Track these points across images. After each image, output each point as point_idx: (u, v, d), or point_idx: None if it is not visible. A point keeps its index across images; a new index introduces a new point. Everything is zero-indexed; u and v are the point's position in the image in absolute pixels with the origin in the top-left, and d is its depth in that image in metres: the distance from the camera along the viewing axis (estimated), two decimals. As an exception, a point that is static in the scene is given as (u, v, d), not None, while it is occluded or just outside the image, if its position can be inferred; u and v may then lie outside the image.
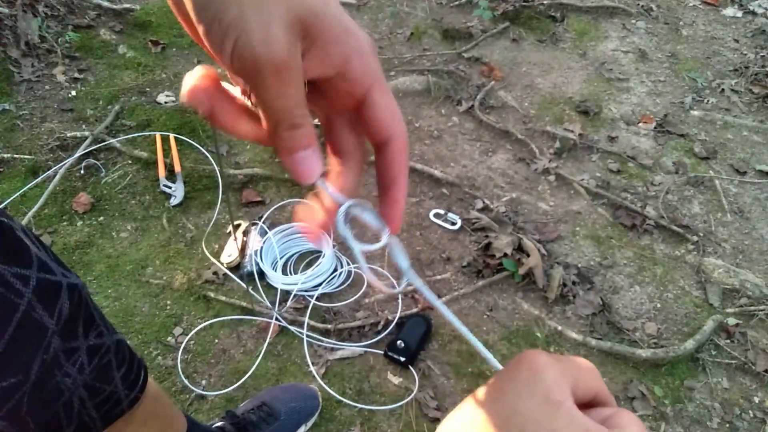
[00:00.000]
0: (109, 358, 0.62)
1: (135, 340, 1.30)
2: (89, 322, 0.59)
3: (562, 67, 2.12)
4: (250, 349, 1.29)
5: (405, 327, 1.31)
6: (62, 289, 0.54)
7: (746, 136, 1.88)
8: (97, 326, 0.60)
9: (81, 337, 0.57)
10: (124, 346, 0.67)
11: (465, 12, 2.31)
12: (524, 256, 1.44)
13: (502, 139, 1.82)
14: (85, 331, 0.58)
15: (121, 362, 0.65)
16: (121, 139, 1.70)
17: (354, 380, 1.25)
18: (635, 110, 1.95)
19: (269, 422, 1.09)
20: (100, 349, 0.60)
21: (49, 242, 1.46)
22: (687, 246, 1.55)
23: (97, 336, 0.60)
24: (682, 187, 1.71)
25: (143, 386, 0.70)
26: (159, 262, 1.45)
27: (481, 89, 1.96)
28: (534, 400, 0.26)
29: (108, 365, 0.62)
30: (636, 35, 2.28)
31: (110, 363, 0.62)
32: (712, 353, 1.33)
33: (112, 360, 0.63)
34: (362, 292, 1.39)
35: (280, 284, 1.37)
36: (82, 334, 0.57)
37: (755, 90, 2.03)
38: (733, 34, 2.31)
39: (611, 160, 1.77)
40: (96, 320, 0.60)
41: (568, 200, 1.65)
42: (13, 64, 1.85)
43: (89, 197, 1.55)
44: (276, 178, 1.64)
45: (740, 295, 1.43)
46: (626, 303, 1.42)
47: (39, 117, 1.76)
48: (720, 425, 1.21)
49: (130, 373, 0.67)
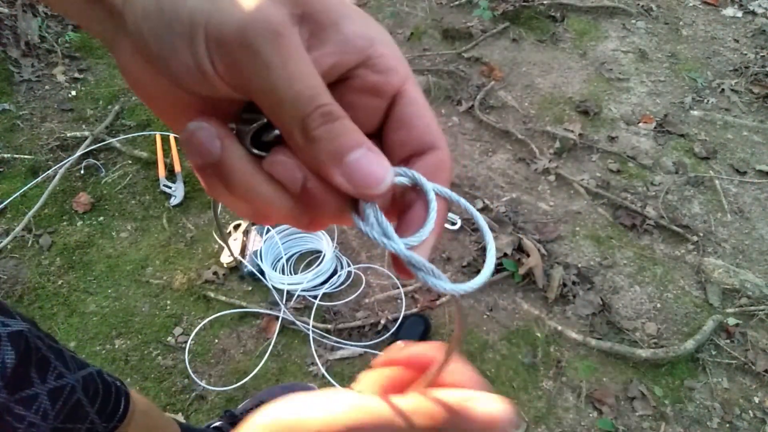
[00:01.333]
0: (77, 397, 0.60)
1: (135, 340, 1.30)
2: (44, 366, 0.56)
3: (562, 67, 2.11)
4: (250, 349, 1.29)
5: (404, 327, 1.31)
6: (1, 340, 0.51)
7: (746, 136, 1.88)
8: (54, 368, 0.58)
9: (37, 383, 0.55)
10: (93, 379, 0.64)
11: (465, 12, 2.31)
12: (524, 256, 1.44)
13: (502, 139, 1.82)
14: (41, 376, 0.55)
15: (93, 397, 0.63)
16: (121, 139, 1.70)
17: (354, 380, 1.25)
18: (635, 110, 1.95)
19: None
20: (62, 390, 0.58)
21: (49, 242, 1.46)
22: (687, 246, 1.55)
23: (57, 378, 0.57)
24: (682, 187, 1.71)
25: (124, 414, 0.68)
26: (159, 262, 1.45)
27: (481, 89, 1.96)
28: None
29: (78, 404, 0.60)
30: (636, 35, 2.28)
31: (79, 402, 0.60)
32: (712, 353, 1.33)
33: (81, 398, 0.60)
34: (362, 292, 1.39)
35: (280, 284, 1.37)
36: (38, 379, 0.55)
37: (755, 90, 2.03)
38: (733, 34, 2.31)
39: (611, 160, 1.77)
40: (52, 362, 0.58)
41: (568, 200, 1.65)
42: (13, 64, 1.85)
43: (89, 197, 1.55)
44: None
45: (740, 295, 1.43)
46: (626, 303, 1.42)
47: (39, 117, 1.76)
48: (720, 425, 1.21)
49: (106, 404, 0.65)
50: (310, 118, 0.18)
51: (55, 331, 1.31)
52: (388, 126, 0.22)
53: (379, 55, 0.20)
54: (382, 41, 0.21)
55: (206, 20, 0.18)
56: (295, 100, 0.18)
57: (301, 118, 0.18)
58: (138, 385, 1.23)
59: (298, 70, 0.18)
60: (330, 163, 0.19)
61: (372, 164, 0.19)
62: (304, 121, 0.18)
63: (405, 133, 0.22)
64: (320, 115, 0.18)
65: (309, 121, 0.18)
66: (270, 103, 0.19)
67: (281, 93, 0.18)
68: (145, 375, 1.25)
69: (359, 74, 0.20)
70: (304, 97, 0.18)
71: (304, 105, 0.18)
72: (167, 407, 1.20)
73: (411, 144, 0.22)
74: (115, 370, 1.26)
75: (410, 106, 0.22)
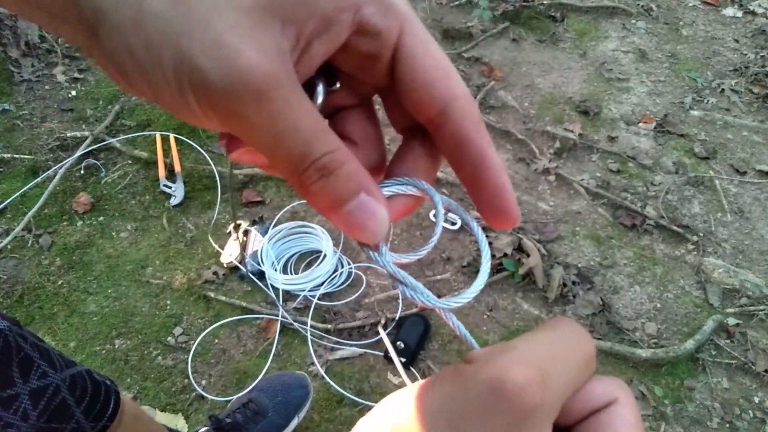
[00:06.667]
0: (62, 396, 0.59)
1: (135, 340, 1.30)
2: (27, 365, 0.55)
3: (562, 67, 2.11)
4: (250, 349, 1.29)
5: (403, 327, 1.31)
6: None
7: (746, 136, 1.88)
8: (38, 367, 0.57)
9: (19, 382, 0.54)
10: (82, 378, 0.63)
11: (465, 12, 2.31)
12: (524, 256, 1.44)
13: (502, 139, 1.82)
14: (23, 376, 0.54)
15: (81, 397, 0.62)
16: (121, 139, 1.70)
17: (354, 380, 1.25)
18: (635, 110, 1.95)
19: (256, 420, 1.05)
20: (45, 390, 0.57)
21: (49, 242, 1.46)
22: (687, 246, 1.55)
23: (40, 377, 0.56)
24: (682, 187, 1.71)
25: (114, 414, 0.67)
26: (159, 262, 1.45)
27: (481, 89, 1.96)
28: None
29: (63, 404, 0.59)
30: (636, 35, 2.28)
31: (65, 401, 0.59)
32: (712, 353, 1.33)
33: (67, 397, 0.59)
34: (362, 292, 1.39)
35: (280, 284, 1.37)
36: (19, 379, 0.54)
37: (755, 90, 2.03)
38: (733, 34, 2.31)
39: (611, 160, 1.77)
40: (35, 361, 0.57)
41: (568, 200, 1.65)
42: (13, 64, 1.85)
43: (89, 197, 1.55)
44: (276, 178, 1.64)
45: (740, 295, 1.43)
46: (626, 303, 1.42)
47: (39, 117, 1.76)
48: (720, 425, 1.21)
49: (94, 404, 0.64)
50: (305, 175, 0.18)
51: (55, 331, 1.31)
52: (397, 89, 0.21)
53: (368, 18, 0.19)
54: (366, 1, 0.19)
55: (189, 77, 0.16)
56: (287, 158, 0.18)
57: (297, 175, 0.18)
58: (138, 385, 1.23)
59: (288, 125, 0.17)
60: (327, 213, 0.19)
61: (366, 217, 0.19)
62: (300, 177, 0.18)
63: (409, 96, 0.20)
64: (315, 170, 0.18)
65: (304, 178, 0.18)
66: (267, 157, 0.18)
67: (274, 152, 0.18)
68: (145, 375, 1.25)
69: (351, 43, 0.19)
70: (297, 155, 0.18)
71: (298, 162, 0.18)
72: (167, 407, 1.20)
73: (420, 106, 0.21)
74: (115, 370, 1.26)
75: (407, 61, 0.20)
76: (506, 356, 0.17)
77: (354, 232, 0.19)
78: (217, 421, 1.04)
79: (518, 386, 0.16)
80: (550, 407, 0.17)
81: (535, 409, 0.16)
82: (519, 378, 0.16)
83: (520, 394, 0.16)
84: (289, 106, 0.17)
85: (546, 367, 0.17)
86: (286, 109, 0.17)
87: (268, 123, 0.17)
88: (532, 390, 0.16)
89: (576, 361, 0.19)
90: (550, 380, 0.17)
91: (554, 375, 0.17)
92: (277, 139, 0.17)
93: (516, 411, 0.16)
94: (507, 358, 0.17)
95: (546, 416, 0.17)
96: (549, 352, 0.18)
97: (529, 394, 0.16)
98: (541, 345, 0.18)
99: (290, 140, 0.17)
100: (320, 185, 0.18)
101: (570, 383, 0.18)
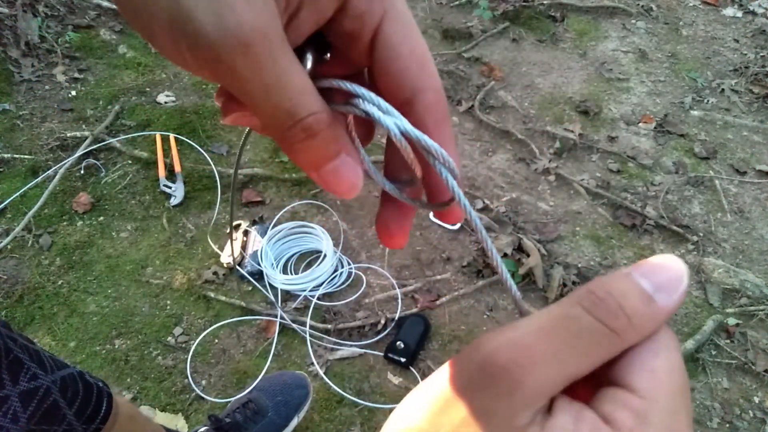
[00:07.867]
0: (53, 398, 0.58)
1: (135, 340, 1.30)
2: (16, 367, 0.55)
3: (562, 67, 2.11)
4: (250, 349, 1.29)
5: (403, 327, 1.31)
6: None
7: (746, 136, 1.88)
8: (28, 369, 0.56)
9: (8, 384, 0.54)
10: (73, 380, 0.63)
11: (465, 12, 2.31)
12: (524, 256, 1.44)
13: (502, 139, 1.82)
14: (12, 378, 0.54)
15: (72, 398, 0.61)
16: (121, 139, 1.70)
17: (354, 380, 1.25)
18: (635, 110, 1.95)
19: (256, 420, 1.05)
20: (36, 392, 0.56)
21: (49, 242, 1.46)
22: (687, 246, 1.55)
23: (30, 379, 0.56)
24: (682, 187, 1.71)
25: (106, 415, 0.67)
26: (159, 262, 1.45)
27: (481, 89, 1.96)
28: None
29: (54, 406, 0.59)
30: (636, 35, 2.28)
31: (56, 403, 0.59)
32: (712, 353, 1.33)
33: (58, 399, 0.59)
34: (362, 292, 1.39)
35: (280, 284, 1.37)
36: (9, 381, 0.54)
37: (755, 90, 2.03)
38: (733, 34, 2.31)
39: (611, 160, 1.77)
40: (25, 363, 0.56)
41: (568, 200, 1.65)
42: (13, 64, 1.85)
43: (89, 197, 1.55)
44: (276, 178, 1.64)
45: (740, 295, 1.43)
46: (626, 303, 1.42)
47: (39, 117, 1.76)
48: (720, 425, 1.21)
49: (86, 406, 0.64)
50: (290, 133, 0.19)
51: (55, 331, 1.31)
52: (373, 70, 0.22)
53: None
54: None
55: (183, 28, 0.17)
56: (274, 114, 0.19)
57: (282, 132, 0.19)
58: (138, 385, 1.23)
59: (274, 80, 0.18)
60: (308, 169, 0.20)
61: (343, 176, 0.20)
62: (285, 134, 0.19)
63: (385, 80, 0.21)
64: (301, 130, 0.19)
65: (289, 136, 0.19)
66: (253, 111, 0.19)
67: (261, 106, 0.18)
68: (145, 375, 1.25)
69: (337, 20, 0.20)
70: (283, 112, 0.18)
71: (284, 119, 0.19)
72: (167, 407, 1.20)
73: (393, 93, 0.21)
74: (115, 370, 1.26)
75: (383, 49, 0.21)
76: (499, 338, 0.19)
77: (331, 188, 0.21)
78: (217, 420, 1.04)
79: (499, 366, 0.18)
80: (538, 385, 0.18)
81: (516, 386, 0.18)
82: (500, 359, 0.18)
83: (500, 374, 0.18)
84: (274, 60, 0.18)
85: (538, 349, 0.18)
86: (271, 62, 0.18)
87: (254, 75, 0.17)
88: (514, 370, 0.18)
89: (581, 347, 0.19)
90: (538, 362, 0.18)
91: (547, 357, 0.18)
92: (263, 92, 0.18)
93: (501, 387, 0.18)
94: (498, 340, 0.19)
95: (534, 393, 0.18)
96: (547, 334, 0.19)
97: (510, 373, 0.18)
98: (542, 326, 0.19)
99: (276, 96, 0.18)
100: (305, 145, 0.19)
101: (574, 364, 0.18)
